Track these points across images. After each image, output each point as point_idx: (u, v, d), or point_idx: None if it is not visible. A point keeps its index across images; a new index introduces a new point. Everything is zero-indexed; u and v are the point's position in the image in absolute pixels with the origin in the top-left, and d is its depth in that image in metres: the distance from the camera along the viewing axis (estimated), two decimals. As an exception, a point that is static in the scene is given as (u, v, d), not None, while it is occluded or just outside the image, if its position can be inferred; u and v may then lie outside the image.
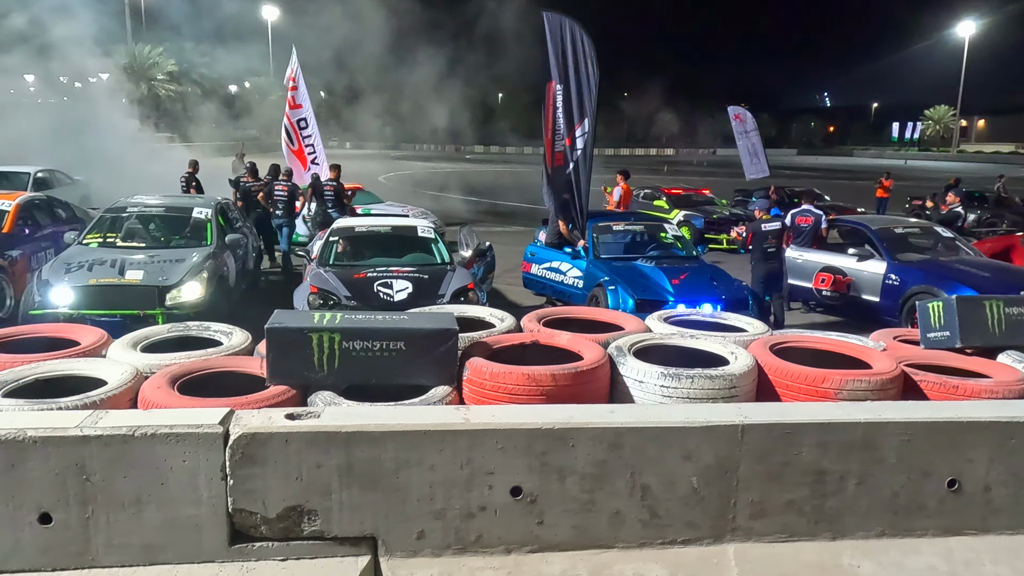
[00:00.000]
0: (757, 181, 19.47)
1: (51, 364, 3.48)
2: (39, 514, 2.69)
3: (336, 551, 2.85)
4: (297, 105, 14.16)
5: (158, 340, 4.00)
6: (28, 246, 8.43)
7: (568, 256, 8.50)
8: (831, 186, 25.64)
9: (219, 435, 2.71)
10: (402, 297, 6.40)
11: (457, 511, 2.85)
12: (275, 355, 3.25)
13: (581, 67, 8.24)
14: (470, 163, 54.78)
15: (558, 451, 2.84)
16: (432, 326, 3.30)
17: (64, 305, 6.60)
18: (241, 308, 7.61)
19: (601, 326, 4.28)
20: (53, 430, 2.66)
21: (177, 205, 8.79)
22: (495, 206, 22.84)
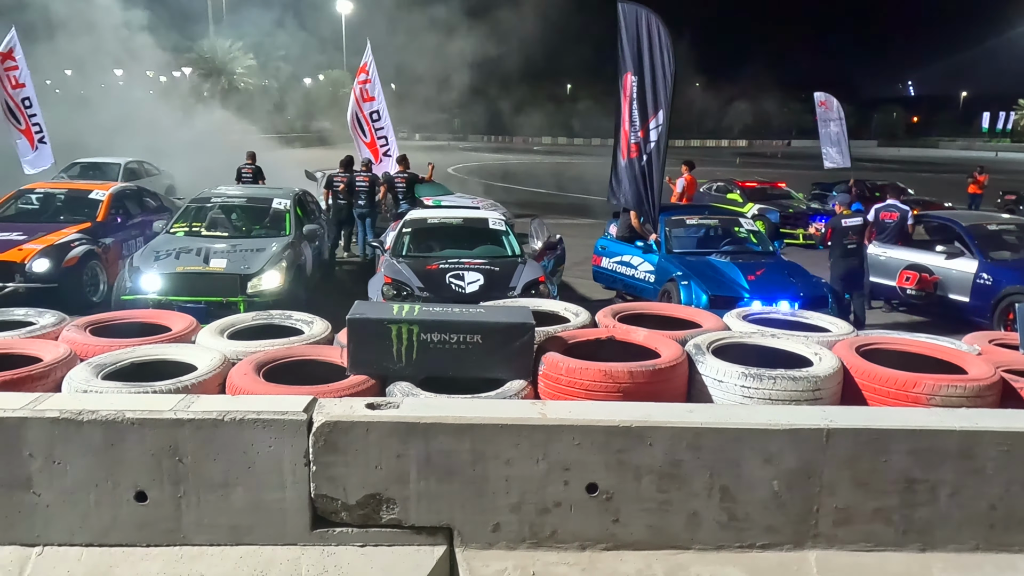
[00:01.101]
0: (836, 173, 18.79)
1: (145, 349, 3.64)
2: (135, 492, 2.82)
3: (413, 540, 2.90)
4: (370, 97, 14.39)
5: (243, 327, 4.14)
6: (120, 234, 8.86)
7: (639, 250, 8.40)
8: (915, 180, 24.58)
9: (303, 422, 2.79)
10: (473, 289, 6.45)
11: (532, 505, 2.85)
12: (355, 345, 3.31)
13: (656, 58, 8.10)
14: (538, 155, 54.71)
15: (635, 449, 2.81)
16: (509, 320, 3.31)
17: (153, 291, 6.91)
18: (317, 297, 7.82)
19: (678, 323, 4.21)
20: (149, 412, 2.79)
21: (258, 196, 9.08)
22: (564, 198, 22.75)
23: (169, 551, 2.87)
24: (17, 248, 7.58)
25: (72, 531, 2.85)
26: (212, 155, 25.48)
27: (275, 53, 56.17)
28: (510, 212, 13.40)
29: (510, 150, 62.10)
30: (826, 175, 19.13)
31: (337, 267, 10.74)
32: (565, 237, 9.01)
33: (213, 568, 2.82)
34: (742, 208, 14.20)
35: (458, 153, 50.19)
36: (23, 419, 2.74)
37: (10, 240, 7.73)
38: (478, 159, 43.36)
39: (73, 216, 8.72)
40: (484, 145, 70.47)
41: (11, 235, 7.86)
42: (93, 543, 2.86)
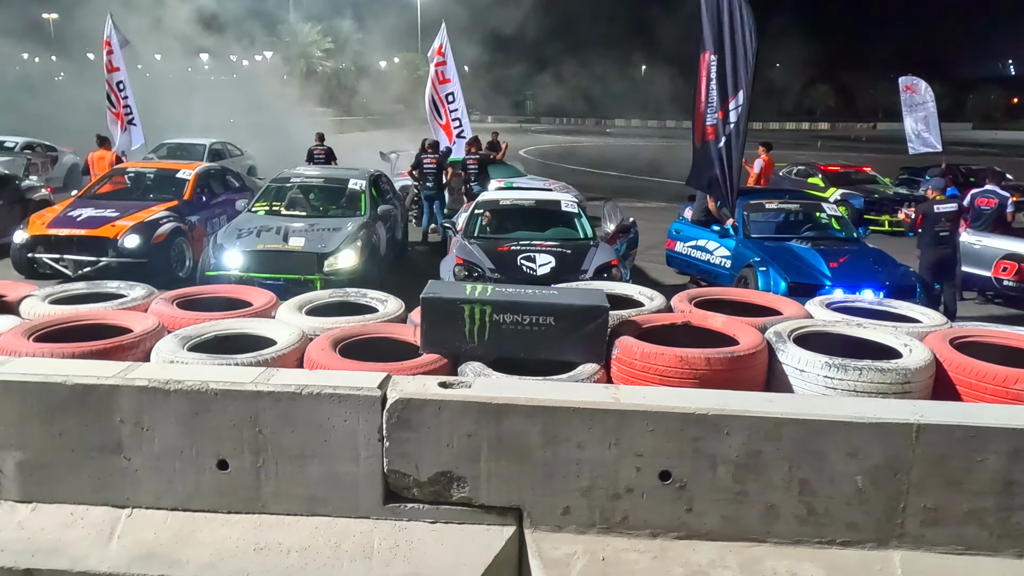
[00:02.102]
0: (926, 158, 17.84)
1: (228, 322, 3.76)
2: (217, 460, 2.92)
3: (483, 519, 2.91)
4: (445, 79, 14.46)
5: (320, 304, 4.23)
6: (205, 212, 9.19)
7: (716, 234, 8.18)
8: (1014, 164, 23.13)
9: (378, 398, 2.82)
10: (545, 271, 6.41)
11: (603, 490, 2.82)
12: (428, 324, 3.33)
13: (738, 37, 7.82)
14: (612, 137, 54.02)
15: (711, 438, 2.74)
16: (583, 302, 3.27)
17: (235, 268, 7.14)
18: (390, 276, 7.93)
19: (756, 309, 4.08)
20: (231, 384, 2.87)
21: (335, 176, 9.25)
22: (637, 181, 22.41)
23: (248, 518, 2.96)
24: (110, 224, 7.96)
25: (158, 495, 2.97)
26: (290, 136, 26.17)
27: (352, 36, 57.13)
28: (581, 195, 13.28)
29: (582, 132, 61.55)
30: (915, 159, 18.19)
31: (409, 248, 10.87)
32: (638, 220, 8.86)
33: (290, 537, 2.90)
34: (824, 193, 13.66)
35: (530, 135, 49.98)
36: (115, 387, 2.87)
37: (104, 217, 8.12)
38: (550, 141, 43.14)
39: (161, 195, 9.10)
40: (556, 127, 70.06)
41: (105, 212, 8.26)
42: (178, 508, 2.98)
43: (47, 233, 7.90)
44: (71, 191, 12.80)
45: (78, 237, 7.87)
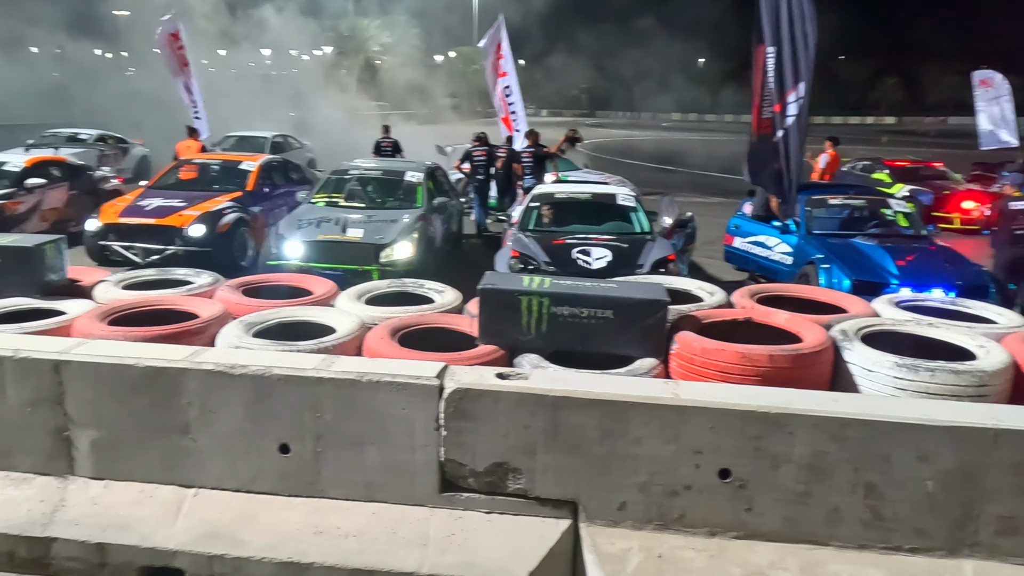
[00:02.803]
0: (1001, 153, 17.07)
1: (290, 310, 3.84)
2: (279, 444, 2.99)
3: (538, 511, 2.90)
4: (503, 73, 14.47)
5: (379, 294, 4.28)
6: (266, 203, 9.40)
7: (776, 230, 7.98)
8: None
9: (435, 388, 2.84)
10: (600, 265, 6.36)
11: (661, 487, 2.78)
12: (486, 315, 3.34)
13: (797, 27, 7.59)
14: (667, 131, 53.27)
15: (773, 437, 2.68)
16: (642, 296, 3.22)
17: (295, 258, 7.29)
18: (445, 268, 7.98)
19: (821, 307, 3.97)
20: (294, 370, 2.93)
21: (392, 169, 9.36)
22: (694, 176, 22.05)
23: (308, 502, 3.02)
24: (178, 214, 8.22)
25: (223, 476, 3.06)
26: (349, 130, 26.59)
27: (409, 30, 57.66)
28: (637, 189, 13.13)
29: (637, 126, 60.88)
30: (989, 155, 17.43)
31: (464, 239, 10.93)
32: (695, 215, 8.71)
33: (348, 521, 2.95)
34: (890, 189, 13.20)
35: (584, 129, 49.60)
36: (183, 370, 2.96)
37: (172, 206, 8.39)
38: (605, 135, 42.74)
39: (226, 185, 9.34)
40: (611, 121, 69.44)
41: (173, 202, 8.53)
42: (240, 489, 3.06)
43: (118, 222, 8.20)
44: (140, 181, 13.29)
45: (147, 226, 8.15)
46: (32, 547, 3.00)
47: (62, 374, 3.02)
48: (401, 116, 40.46)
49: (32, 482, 3.14)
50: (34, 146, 14.63)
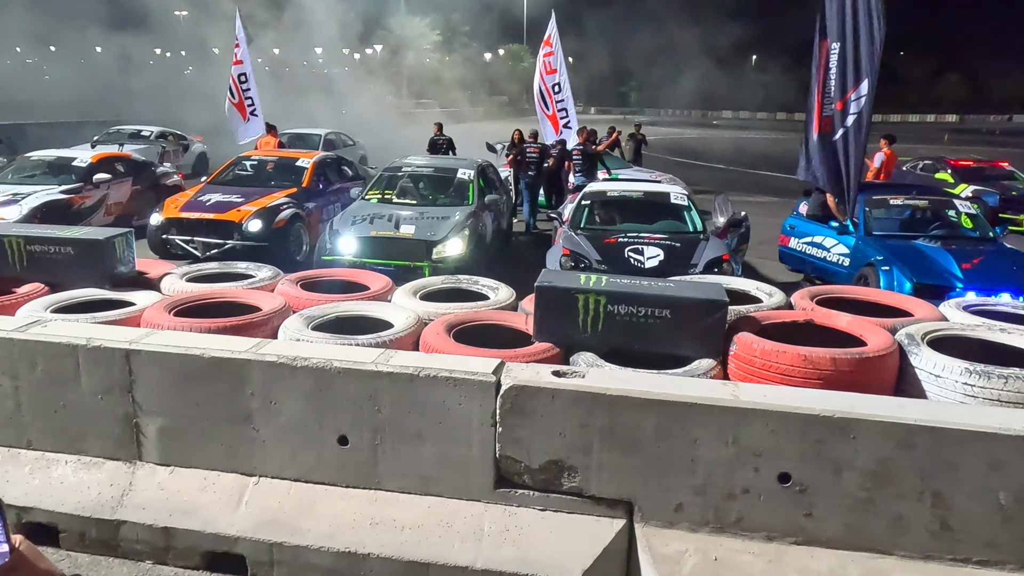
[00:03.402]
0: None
1: (348, 304, 3.91)
2: (338, 436, 3.04)
3: (593, 510, 2.90)
4: (552, 69, 14.42)
5: (434, 290, 4.32)
6: (321, 199, 9.57)
7: (833, 231, 7.80)
8: None
9: (492, 384, 2.86)
10: (653, 264, 6.30)
11: (718, 489, 2.75)
12: (542, 313, 3.34)
13: (862, 22, 7.38)
14: (718, 128, 52.47)
15: (836, 442, 2.62)
16: (701, 296, 3.19)
17: (349, 253, 7.41)
18: (495, 265, 8.01)
19: (884, 309, 3.86)
20: (353, 363, 2.98)
21: (444, 166, 9.43)
22: (746, 175, 21.68)
23: (365, 493, 3.07)
24: (236, 209, 8.42)
25: (283, 466, 3.13)
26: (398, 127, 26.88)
27: (459, 28, 58.02)
28: (688, 187, 12.98)
29: (687, 123, 60.10)
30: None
31: (514, 237, 10.95)
32: (748, 215, 8.56)
33: (404, 514, 2.98)
34: (954, 189, 12.76)
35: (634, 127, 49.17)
36: (247, 361, 3.03)
37: (230, 202, 8.60)
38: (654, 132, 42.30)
39: (282, 182, 9.54)
40: (660, 119, 68.70)
41: (231, 197, 8.75)
42: (300, 479, 3.13)
43: (179, 216, 8.44)
44: (200, 177, 13.65)
45: (207, 220, 8.37)
46: (102, 529, 3.12)
47: (132, 363, 3.13)
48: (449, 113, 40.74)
49: (102, 466, 3.26)
50: (99, 142, 15.20)
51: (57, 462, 3.28)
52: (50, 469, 3.27)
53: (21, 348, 3.20)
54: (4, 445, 3.35)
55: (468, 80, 56.90)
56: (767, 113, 72.91)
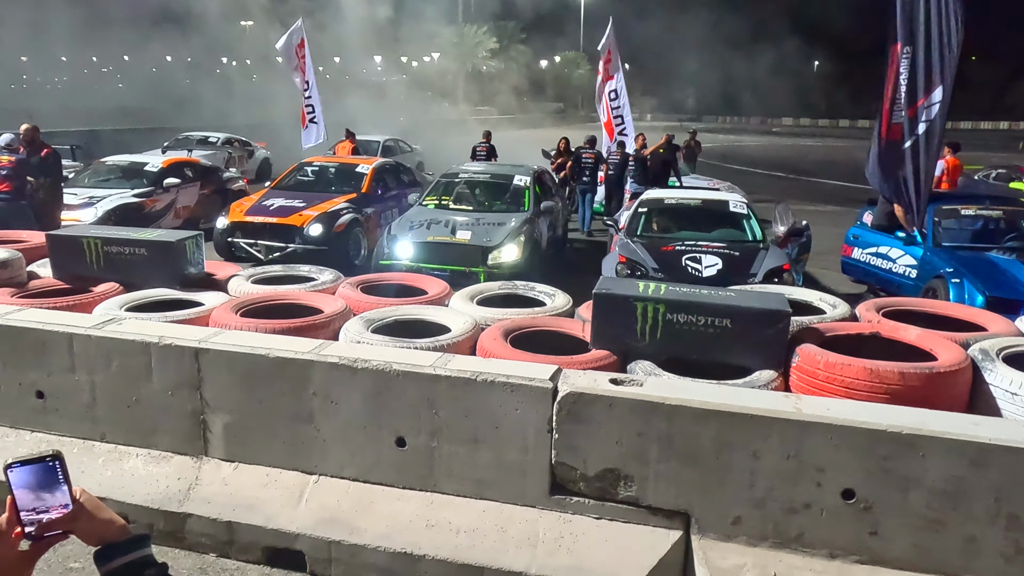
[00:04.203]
0: None
1: (407, 308, 3.97)
2: (396, 437, 3.09)
3: (648, 520, 2.87)
4: (610, 77, 14.40)
5: (490, 295, 4.35)
6: (379, 205, 9.73)
7: (900, 241, 7.55)
8: None
9: (549, 390, 2.86)
10: (711, 273, 6.21)
11: (779, 503, 2.69)
12: (600, 320, 3.33)
13: (938, 27, 7.12)
14: (778, 136, 51.43)
15: (904, 458, 2.54)
16: (763, 306, 3.13)
17: (406, 258, 7.51)
18: (550, 270, 8.01)
19: (955, 323, 3.72)
20: (412, 366, 3.02)
21: (500, 173, 9.48)
22: (806, 183, 21.19)
23: (421, 495, 3.11)
24: (298, 214, 8.63)
25: (342, 465, 3.19)
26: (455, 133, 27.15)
27: (516, 36, 58.35)
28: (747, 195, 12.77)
29: (746, 131, 59.12)
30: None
31: (568, 243, 10.95)
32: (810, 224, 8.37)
33: (459, 517, 3.01)
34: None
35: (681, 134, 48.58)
36: (310, 361, 3.11)
37: (292, 207, 8.82)
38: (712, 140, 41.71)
39: (342, 187, 9.74)
40: (718, 125, 67.75)
41: (293, 202, 8.97)
42: (358, 478, 3.18)
43: (244, 220, 8.69)
44: (263, 182, 14.05)
45: (270, 224, 8.60)
46: (169, 521, 3.23)
47: (201, 361, 3.24)
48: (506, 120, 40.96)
49: (170, 460, 3.38)
50: (169, 148, 15.76)
51: (128, 455, 3.41)
52: (122, 461, 3.40)
53: (98, 345, 3.35)
54: (80, 437, 3.51)
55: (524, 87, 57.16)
56: (829, 120, 71.18)
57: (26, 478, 1.03)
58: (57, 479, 1.05)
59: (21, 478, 1.03)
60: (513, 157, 13.94)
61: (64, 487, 1.05)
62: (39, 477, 1.04)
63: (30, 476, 1.04)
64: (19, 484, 1.03)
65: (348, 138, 14.16)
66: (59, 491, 1.05)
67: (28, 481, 1.03)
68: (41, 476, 1.04)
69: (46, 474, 1.04)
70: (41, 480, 1.04)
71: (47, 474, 1.04)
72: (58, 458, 1.05)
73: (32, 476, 1.04)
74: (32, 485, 1.04)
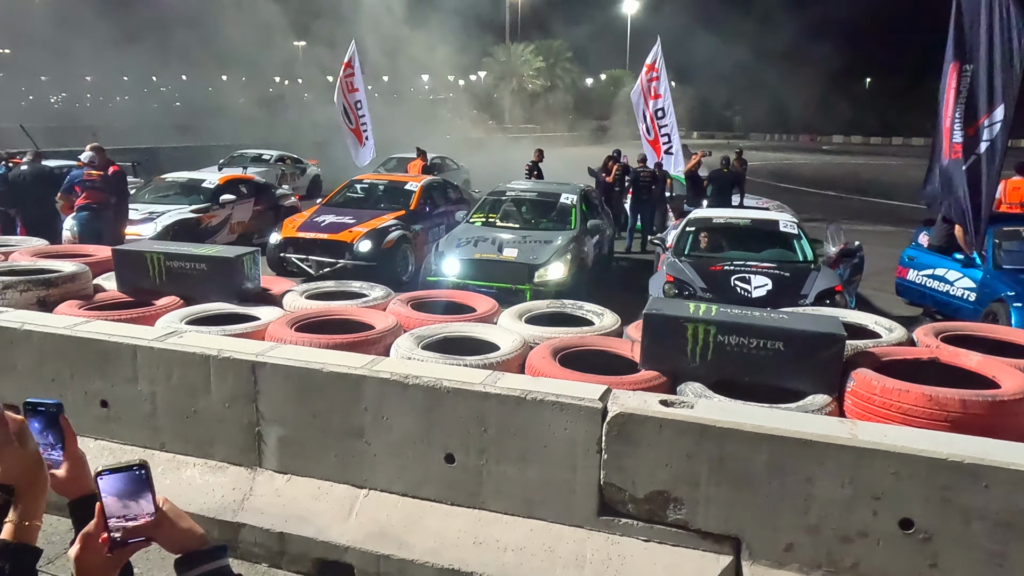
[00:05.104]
0: None
1: (456, 326, 4.01)
2: (445, 454, 3.12)
3: (698, 544, 2.84)
4: (657, 95, 14.36)
5: (538, 314, 4.37)
6: (427, 222, 9.87)
7: (958, 263, 7.34)
8: None
9: (598, 410, 2.86)
10: (760, 294, 6.13)
11: (833, 531, 2.64)
12: (650, 341, 3.32)
13: (1002, 44, 6.95)
14: (828, 154, 50.53)
15: (966, 489, 2.47)
16: (817, 329, 3.08)
17: (453, 275, 7.59)
18: (595, 288, 8.00)
19: (1018, 349, 3.61)
20: (462, 383, 3.05)
21: (547, 191, 9.54)
22: (858, 202, 20.76)
23: (469, 512, 3.12)
24: (348, 230, 8.81)
25: (392, 480, 3.23)
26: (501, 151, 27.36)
27: (562, 54, 58.69)
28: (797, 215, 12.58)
29: (795, 149, 58.20)
30: None
31: (614, 261, 10.92)
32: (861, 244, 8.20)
33: (507, 535, 3.02)
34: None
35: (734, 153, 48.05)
36: (362, 377, 3.16)
37: (343, 223, 9.01)
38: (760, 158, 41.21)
39: (391, 204, 9.92)
40: (766, 143, 66.94)
41: (343, 219, 9.16)
42: (407, 493, 3.22)
43: (296, 236, 8.90)
44: (314, 198, 14.36)
45: (321, 240, 8.79)
46: (223, 530, 3.30)
47: (257, 374, 3.32)
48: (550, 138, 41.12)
49: (226, 471, 3.47)
50: (225, 165, 16.24)
51: (186, 464, 3.51)
52: (180, 471, 3.50)
53: (160, 356, 3.47)
54: (140, 446, 3.62)
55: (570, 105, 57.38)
56: (881, 138, 69.72)
57: (114, 485, 1.08)
58: (143, 487, 1.10)
59: (109, 485, 1.08)
60: (560, 175, 14.01)
61: (149, 495, 1.10)
62: (126, 485, 1.09)
63: (118, 484, 1.09)
64: (107, 491, 1.08)
65: (419, 156, 14.45)
66: (144, 499, 1.10)
67: (116, 488, 1.09)
68: (128, 484, 1.09)
69: (133, 482, 1.09)
70: (128, 488, 1.09)
71: (134, 482, 1.09)
72: (144, 467, 1.10)
73: (120, 484, 1.09)
74: (119, 492, 1.09)
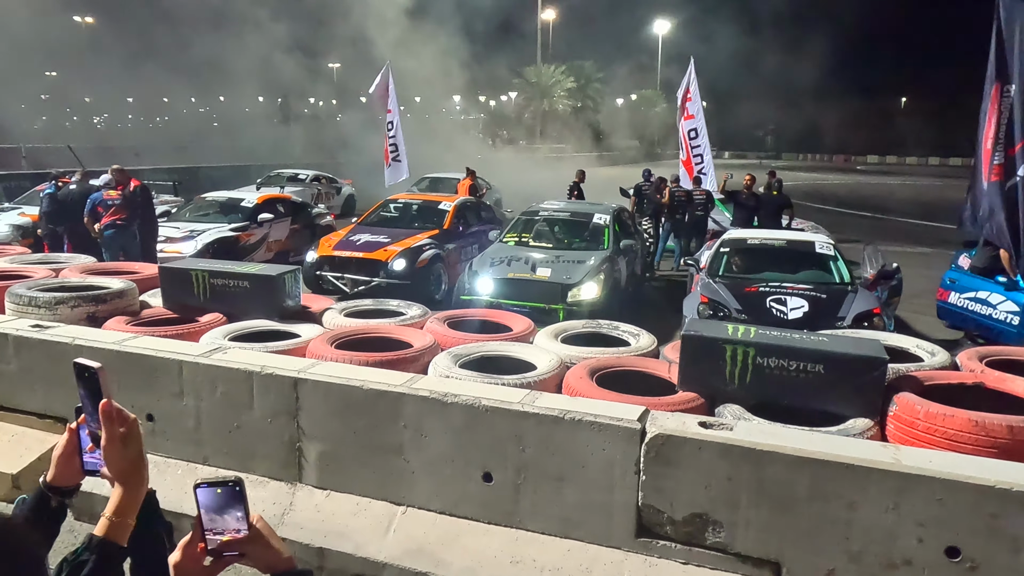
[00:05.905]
0: None
1: (493, 345, 4.04)
2: (483, 472, 3.14)
3: (737, 568, 2.82)
4: (690, 115, 14.36)
5: (574, 334, 4.39)
6: (460, 241, 9.96)
7: (1001, 286, 7.20)
8: None
9: (637, 431, 2.86)
10: (796, 316, 6.07)
11: (875, 557, 2.60)
12: (688, 362, 3.32)
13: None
14: (863, 174, 49.87)
15: (1015, 517, 2.42)
16: (858, 352, 3.06)
17: (486, 294, 7.64)
18: (629, 310, 7.98)
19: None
20: (500, 402, 3.08)
21: (580, 211, 9.57)
22: (894, 223, 20.45)
23: (506, 531, 3.14)
24: (383, 249, 8.92)
25: (429, 497, 3.26)
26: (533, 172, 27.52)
27: (593, 75, 58.96)
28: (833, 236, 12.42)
29: (829, 169, 57.53)
30: None
31: (646, 282, 10.89)
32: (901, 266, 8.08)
33: (543, 555, 3.02)
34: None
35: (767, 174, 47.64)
36: (401, 394, 3.21)
37: (378, 242, 9.13)
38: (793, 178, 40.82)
39: (425, 224, 10.03)
40: (799, 164, 66.25)
41: (378, 238, 9.29)
42: (445, 511, 3.24)
43: (332, 254, 9.04)
44: (350, 217, 14.56)
45: (356, 259, 8.91)
46: (264, 544, 3.35)
47: (299, 391, 3.38)
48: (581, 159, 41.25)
49: (267, 486, 3.52)
50: (263, 184, 16.55)
51: (228, 478, 3.57)
52: (222, 484, 3.56)
53: (205, 372, 3.55)
54: (184, 459, 3.70)
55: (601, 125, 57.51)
56: (917, 158, 68.69)
57: (211, 498, 1.12)
58: (238, 502, 1.13)
59: (206, 497, 1.12)
60: (591, 195, 14.05)
61: (243, 511, 1.13)
62: (222, 499, 1.12)
63: (215, 497, 1.12)
64: (204, 502, 1.12)
65: (468, 175, 14.60)
66: (239, 514, 1.13)
67: (213, 501, 1.12)
68: (224, 498, 1.12)
69: (229, 496, 1.12)
70: (224, 501, 1.12)
71: (230, 496, 1.12)
72: (239, 483, 1.13)
73: (216, 497, 1.12)
74: (216, 505, 1.12)
